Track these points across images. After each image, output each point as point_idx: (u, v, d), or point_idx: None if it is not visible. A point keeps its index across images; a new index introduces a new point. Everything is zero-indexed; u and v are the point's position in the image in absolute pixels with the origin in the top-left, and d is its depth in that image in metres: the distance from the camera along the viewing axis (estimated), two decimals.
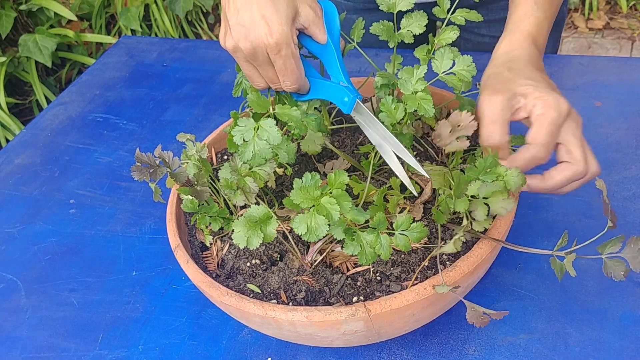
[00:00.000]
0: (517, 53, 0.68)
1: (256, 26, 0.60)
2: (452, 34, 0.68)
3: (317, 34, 0.66)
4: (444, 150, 0.63)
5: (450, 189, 0.61)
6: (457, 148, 0.62)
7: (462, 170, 0.63)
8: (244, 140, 0.60)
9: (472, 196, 0.58)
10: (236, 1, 0.61)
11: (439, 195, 0.64)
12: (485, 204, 0.58)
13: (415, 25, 0.70)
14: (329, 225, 0.55)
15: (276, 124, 0.60)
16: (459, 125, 0.62)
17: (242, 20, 0.61)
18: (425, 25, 0.70)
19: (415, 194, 0.63)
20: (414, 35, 0.70)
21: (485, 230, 0.61)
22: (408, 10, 0.71)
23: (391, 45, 0.71)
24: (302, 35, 0.66)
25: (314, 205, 0.56)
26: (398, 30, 0.71)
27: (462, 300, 0.58)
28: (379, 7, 0.71)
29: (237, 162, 0.65)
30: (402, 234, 0.57)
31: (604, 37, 2.78)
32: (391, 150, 0.64)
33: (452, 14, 0.70)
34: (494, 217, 0.62)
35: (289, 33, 0.61)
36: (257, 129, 0.60)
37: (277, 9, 0.60)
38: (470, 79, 0.65)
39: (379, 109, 0.64)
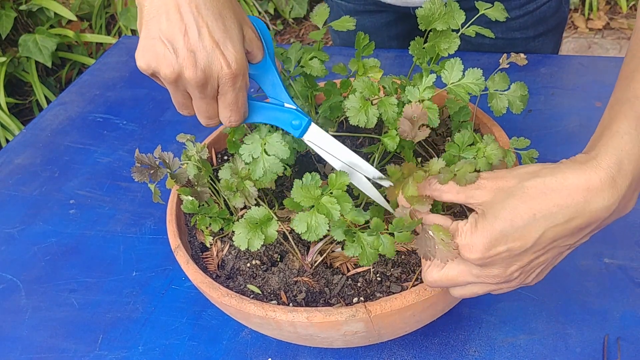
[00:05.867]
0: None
1: (209, 53, 0.51)
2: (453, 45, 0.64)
3: (258, 56, 0.59)
4: (414, 142, 0.62)
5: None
6: (422, 137, 0.60)
7: None
8: (252, 157, 0.60)
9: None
10: (177, 18, 0.51)
11: None
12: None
13: (443, 42, 0.63)
14: (329, 224, 0.55)
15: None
16: (413, 117, 0.60)
17: (190, 44, 0.51)
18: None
19: (393, 211, 0.58)
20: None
21: None
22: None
23: (420, 64, 0.65)
24: None
25: (314, 205, 0.56)
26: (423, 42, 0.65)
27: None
28: (419, 26, 0.63)
29: (238, 163, 0.65)
30: (401, 232, 0.57)
31: (604, 37, 2.78)
32: (359, 173, 0.59)
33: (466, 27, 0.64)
34: None
35: (246, 62, 0.54)
36: (265, 145, 0.60)
37: (229, 34, 0.52)
38: (479, 92, 0.61)
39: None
